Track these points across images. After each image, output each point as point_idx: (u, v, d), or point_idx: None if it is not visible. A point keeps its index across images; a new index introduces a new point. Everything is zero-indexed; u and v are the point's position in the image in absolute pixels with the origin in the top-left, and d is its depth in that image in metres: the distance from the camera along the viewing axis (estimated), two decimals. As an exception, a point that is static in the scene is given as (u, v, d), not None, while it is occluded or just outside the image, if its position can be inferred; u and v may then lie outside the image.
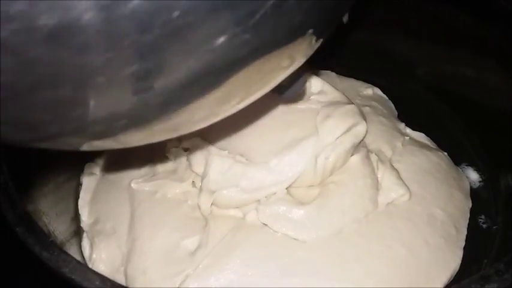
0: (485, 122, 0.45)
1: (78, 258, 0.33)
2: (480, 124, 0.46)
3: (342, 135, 0.37)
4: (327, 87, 0.41)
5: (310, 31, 0.22)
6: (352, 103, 0.40)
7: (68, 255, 0.28)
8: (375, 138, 0.42)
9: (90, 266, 0.35)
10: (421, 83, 0.50)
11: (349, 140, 0.37)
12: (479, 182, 0.44)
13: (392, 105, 0.49)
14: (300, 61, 0.25)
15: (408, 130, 0.46)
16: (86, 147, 0.23)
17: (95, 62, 0.18)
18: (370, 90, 0.50)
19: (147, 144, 0.25)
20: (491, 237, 0.39)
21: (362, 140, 0.39)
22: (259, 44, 0.20)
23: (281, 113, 0.39)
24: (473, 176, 0.44)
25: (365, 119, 0.39)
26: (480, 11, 0.42)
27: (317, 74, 0.42)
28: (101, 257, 0.36)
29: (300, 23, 0.21)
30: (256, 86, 0.24)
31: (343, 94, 0.41)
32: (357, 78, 0.50)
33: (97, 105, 0.20)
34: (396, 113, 0.48)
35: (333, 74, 0.50)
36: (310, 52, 0.25)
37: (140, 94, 0.20)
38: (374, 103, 0.47)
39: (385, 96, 0.50)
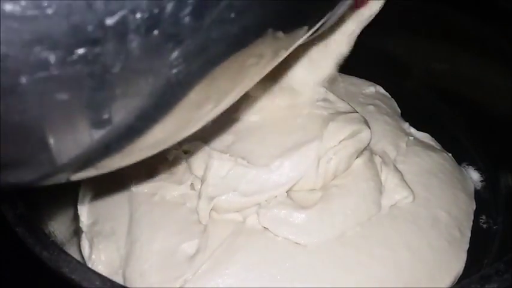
0: (485, 122, 0.45)
1: (78, 258, 0.33)
2: (480, 124, 0.46)
3: (345, 139, 0.37)
4: (332, 96, 0.41)
5: (270, 30, 0.21)
6: (357, 112, 0.40)
7: (68, 255, 0.28)
8: (380, 138, 0.42)
9: (89, 266, 0.35)
10: (421, 83, 0.51)
11: (352, 145, 0.38)
12: (480, 181, 0.44)
13: (395, 103, 0.49)
14: (274, 57, 0.24)
15: (412, 130, 0.46)
16: (67, 180, 0.23)
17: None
18: (372, 89, 0.50)
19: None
20: (491, 237, 0.39)
21: (366, 146, 0.39)
22: (213, 53, 0.20)
23: (284, 118, 0.39)
24: (474, 176, 0.45)
25: (369, 127, 0.39)
26: (480, 11, 0.42)
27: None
28: (100, 258, 0.36)
29: (251, 25, 0.20)
30: (229, 89, 0.24)
31: (349, 104, 0.41)
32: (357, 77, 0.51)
33: (61, 148, 0.19)
34: (399, 112, 0.49)
35: (335, 72, 0.50)
36: (283, 48, 0.24)
37: (101, 126, 0.19)
38: (378, 102, 0.48)
39: (387, 94, 0.50)
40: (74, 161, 0.20)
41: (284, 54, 0.25)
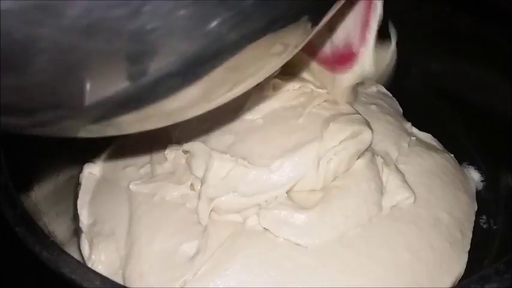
0: (485, 122, 0.45)
1: (78, 258, 0.33)
2: (480, 124, 0.46)
3: (346, 140, 0.37)
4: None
5: (305, 17, 0.22)
6: (358, 113, 0.41)
7: (68, 255, 0.29)
8: (382, 138, 0.42)
9: (89, 266, 0.35)
10: (421, 82, 0.51)
11: (353, 146, 0.38)
12: (481, 181, 0.44)
13: (397, 103, 0.49)
14: (294, 48, 0.25)
15: (414, 130, 0.46)
16: (83, 133, 0.24)
17: (89, 47, 0.18)
18: (374, 88, 0.50)
19: (143, 131, 0.25)
20: (491, 237, 0.39)
21: (368, 147, 0.39)
22: (250, 30, 0.21)
23: (285, 118, 0.39)
24: (475, 175, 0.45)
25: (371, 128, 0.39)
26: (480, 11, 0.42)
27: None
28: (100, 259, 0.36)
29: (292, 10, 0.21)
30: (249, 72, 0.25)
31: (351, 106, 0.41)
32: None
33: (92, 90, 0.20)
34: (401, 111, 0.49)
35: None
36: (305, 39, 0.25)
37: (134, 78, 0.20)
38: (380, 101, 0.48)
39: (389, 93, 0.50)
40: (97, 106, 0.21)
41: (299, 47, 0.26)
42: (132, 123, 0.24)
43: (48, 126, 0.23)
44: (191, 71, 0.21)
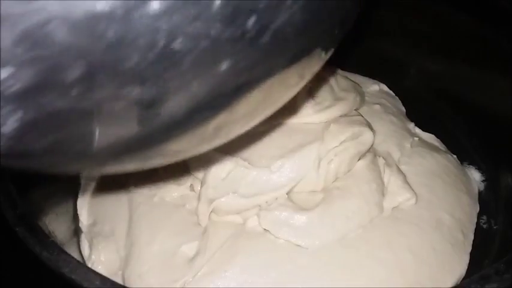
0: (485, 122, 0.45)
1: (78, 258, 0.33)
2: (480, 124, 0.46)
3: (346, 141, 0.38)
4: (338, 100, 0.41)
5: (319, 49, 0.22)
6: (360, 115, 0.41)
7: (68, 255, 0.29)
8: (385, 138, 0.43)
9: (89, 266, 0.36)
10: (421, 82, 0.51)
11: (354, 147, 0.38)
12: (482, 181, 0.44)
13: (400, 102, 0.49)
14: (309, 77, 0.26)
15: (417, 130, 0.46)
16: (88, 172, 0.24)
17: (100, 94, 0.18)
18: (376, 86, 0.50)
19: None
20: (491, 238, 0.39)
21: (369, 148, 0.39)
22: (264, 69, 0.21)
23: (287, 120, 0.39)
24: (476, 175, 0.45)
25: (372, 129, 0.39)
26: (480, 11, 0.42)
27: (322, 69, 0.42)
28: (99, 259, 0.36)
29: (306, 45, 0.21)
30: (262, 109, 0.25)
31: (354, 109, 0.42)
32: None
33: (102, 135, 0.20)
34: (404, 111, 0.49)
35: (338, 70, 0.50)
36: (319, 67, 0.25)
37: (145, 122, 0.20)
38: (383, 100, 0.48)
39: (391, 92, 0.50)
40: (106, 150, 0.21)
41: (309, 78, 0.26)
42: (142, 164, 0.25)
43: (50, 169, 0.23)
44: (212, 104, 0.21)
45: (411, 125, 0.46)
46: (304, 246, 0.35)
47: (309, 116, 0.39)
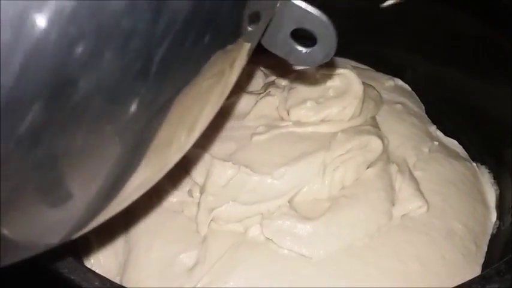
0: (486, 122, 0.46)
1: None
2: (481, 124, 0.46)
3: (353, 149, 0.38)
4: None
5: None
6: (371, 125, 0.41)
7: (68, 255, 0.29)
8: (403, 141, 0.43)
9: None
10: (421, 82, 0.51)
11: (361, 154, 0.38)
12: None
13: (418, 99, 0.50)
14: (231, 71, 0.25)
15: (439, 134, 0.46)
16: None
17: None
18: (391, 82, 0.50)
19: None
20: (496, 238, 0.39)
21: (378, 156, 0.39)
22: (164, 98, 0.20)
23: (292, 128, 0.40)
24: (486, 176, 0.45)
25: (381, 138, 0.40)
26: (480, 11, 0.43)
27: (334, 62, 0.42)
28: (99, 262, 0.37)
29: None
30: (197, 114, 0.25)
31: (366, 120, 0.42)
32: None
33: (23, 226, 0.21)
34: (424, 108, 0.49)
35: (352, 63, 0.50)
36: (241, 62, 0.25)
37: (59, 204, 0.20)
38: (404, 99, 0.48)
39: (408, 87, 0.51)
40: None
41: (240, 66, 0.26)
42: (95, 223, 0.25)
43: None
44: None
45: (433, 128, 0.46)
46: (308, 256, 0.35)
47: (316, 125, 0.40)
